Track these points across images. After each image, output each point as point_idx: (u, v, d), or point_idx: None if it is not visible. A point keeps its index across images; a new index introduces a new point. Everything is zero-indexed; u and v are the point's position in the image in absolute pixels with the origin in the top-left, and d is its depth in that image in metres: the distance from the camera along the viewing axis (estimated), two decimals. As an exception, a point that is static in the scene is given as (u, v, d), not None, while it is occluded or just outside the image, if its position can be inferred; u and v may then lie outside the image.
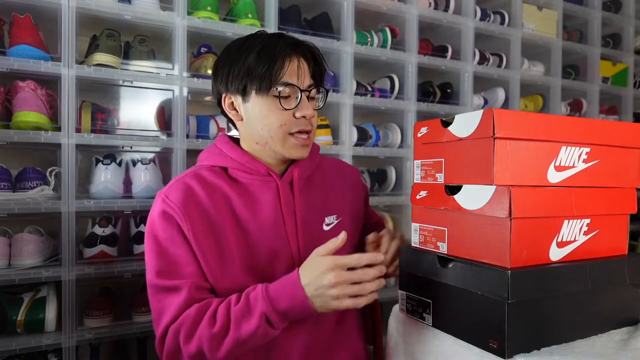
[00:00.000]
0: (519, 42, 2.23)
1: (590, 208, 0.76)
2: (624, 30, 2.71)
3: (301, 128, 0.90)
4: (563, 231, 0.73)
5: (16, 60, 1.30)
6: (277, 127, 0.89)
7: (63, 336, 1.33)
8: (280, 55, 0.87)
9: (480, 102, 2.18)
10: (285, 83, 0.87)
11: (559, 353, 0.68)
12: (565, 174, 0.73)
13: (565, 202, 0.73)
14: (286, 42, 0.89)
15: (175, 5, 1.51)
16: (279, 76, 0.87)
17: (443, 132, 0.77)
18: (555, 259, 0.73)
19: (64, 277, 1.34)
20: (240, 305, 0.79)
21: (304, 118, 0.89)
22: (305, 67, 0.91)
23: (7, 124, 1.35)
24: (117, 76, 1.44)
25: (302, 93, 0.89)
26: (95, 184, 1.44)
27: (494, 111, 0.67)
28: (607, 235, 0.79)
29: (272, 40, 0.89)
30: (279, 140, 0.90)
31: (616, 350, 0.69)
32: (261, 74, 0.86)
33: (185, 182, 0.90)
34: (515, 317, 0.66)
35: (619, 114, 2.72)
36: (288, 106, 0.88)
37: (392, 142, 1.96)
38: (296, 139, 0.90)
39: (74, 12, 1.36)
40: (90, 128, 1.44)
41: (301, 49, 0.91)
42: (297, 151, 0.91)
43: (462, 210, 0.74)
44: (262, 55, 0.87)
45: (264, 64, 0.86)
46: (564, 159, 0.73)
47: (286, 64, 0.87)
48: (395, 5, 1.92)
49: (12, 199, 1.33)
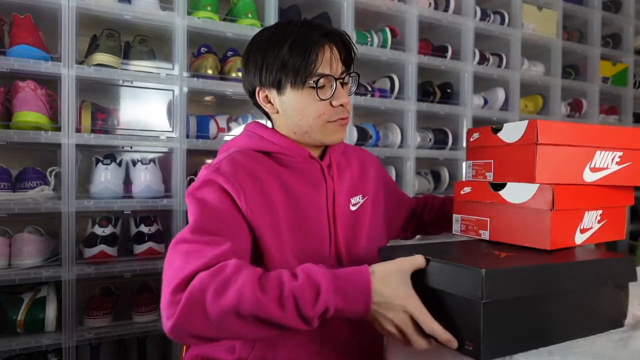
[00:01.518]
0: (519, 42, 2.23)
1: (602, 201, 0.90)
2: (623, 30, 2.71)
3: (339, 116, 0.91)
4: (584, 220, 0.88)
5: (16, 60, 1.30)
6: (316, 117, 0.90)
7: (63, 336, 1.34)
8: (313, 46, 0.86)
9: (480, 102, 2.18)
10: (321, 74, 0.87)
11: (558, 353, 0.68)
12: (600, 174, 0.88)
13: (590, 197, 0.88)
14: (318, 32, 0.88)
15: (175, 5, 1.51)
16: (314, 68, 0.86)
17: (493, 138, 0.90)
18: (579, 242, 0.87)
19: (64, 277, 1.34)
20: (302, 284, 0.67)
21: (341, 106, 0.90)
22: (337, 54, 0.90)
23: (7, 124, 1.35)
24: (117, 76, 1.44)
25: (337, 81, 0.89)
26: (95, 184, 1.44)
27: (538, 122, 0.80)
28: (612, 223, 0.93)
29: (303, 31, 0.88)
30: (319, 129, 0.91)
31: (616, 350, 0.69)
32: (296, 68, 0.86)
33: (235, 158, 0.88)
34: (491, 319, 0.64)
35: (618, 114, 2.73)
36: (324, 96, 0.89)
37: (392, 142, 1.96)
38: (335, 124, 0.92)
39: (74, 12, 1.36)
40: (90, 128, 1.44)
41: (333, 36, 0.90)
42: (336, 136, 0.93)
43: (507, 203, 0.87)
44: (295, 47, 0.86)
45: (298, 57, 0.86)
46: (598, 161, 0.87)
47: (320, 55, 0.87)
48: (395, 5, 1.92)
49: (12, 199, 1.33)
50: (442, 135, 2.09)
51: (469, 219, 0.96)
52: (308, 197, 0.92)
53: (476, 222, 0.94)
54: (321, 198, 0.93)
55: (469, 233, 0.95)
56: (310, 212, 0.91)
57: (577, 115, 2.52)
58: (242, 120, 1.70)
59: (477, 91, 2.19)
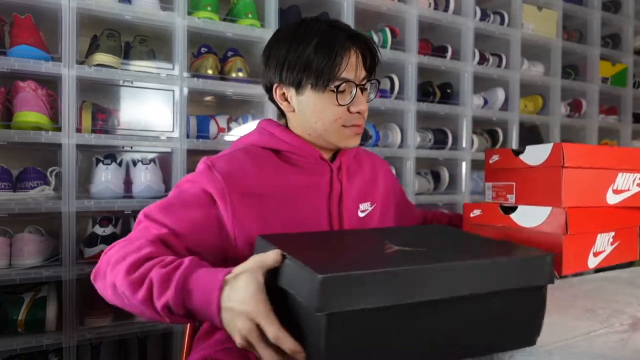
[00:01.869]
0: (518, 42, 2.24)
1: (615, 223, 0.89)
2: (623, 31, 2.72)
3: (355, 122, 0.90)
4: (597, 243, 0.86)
5: (17, 61, 1.30)
6: (332, 121, 0.89)
7: (64, 336, 1.34)
8: (340, 49, 0.85)
9: (480, 102, 2.19)
10: (343, 79, 0.86)
11: (558, 353, 0.68)
12: (622, 196, 0.88)
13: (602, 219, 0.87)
14: (345, 34, 0.87)
15: (175, 5, 1.51)
16: (337, 72, 0.85)
17: (514, 160, 0.89)
18: (592, 266, 0.85)
19: (64, 276, 1.34)
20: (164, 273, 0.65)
21: (357, 113, 0.90)
22: (361, 60, 0.89)
23: (7, 124, 1.35)
24: (118, 76, 1.44)
25: (357, 88, 0.88)
26: (96, 184, 1.44)
27: (564, 145, 0.80)
28: (625, 244, 0.91)
29: (329, 31, 0.87)
30: (334, 132, 0.91)
31: (616, 350, 0.69)
32: (320, 70, 0.85)
33: (234, 156, 0.88)
34: (339, 333, 0.52)
35: (618, 114, 2.73)
36: (343, 101, 0.88)
37: (392, 142, 1.96)
38: (350, 130, 0.91)
39: (74, 13, 1.36)
40: (90, 128, 1.44)
41: (359, 40, 0.88)
42: (350, 141, 0.93)
43: (518, 227, 0.86)
44: (320, 48, 0.85)
45: (323, 59, 0.84)
46: (620, 183, 0.88)
47: (345, 59, 0.85)
48: (395, 5, 1.92)
49: (13, 198, 1.33)
50: (442, 135, 2.10)
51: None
52: (309, 198, 0.91)
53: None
54: (323, 201, 0.92)
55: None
56: (307, 212, 0.90)
57: (577, 116, 2.53)
58: (242, 120, 1.70)
59: (477, 91, 2.20)
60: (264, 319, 0.56)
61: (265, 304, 0.57)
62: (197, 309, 0.62)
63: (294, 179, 0.91)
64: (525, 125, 2.39)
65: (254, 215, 0.85)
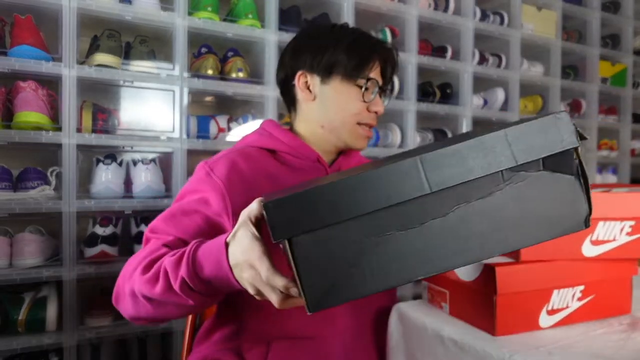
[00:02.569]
0: (518, 42, 2.24)
1: (585, 276, 0.79)
2: (622, 31, 2.72)
3: (370, 121, 0.94)
4: (553, 300, 0.77)
5: (17, 61, 1.31)
6: (352, 114, 0.92)
7: (64, 336, 1.34)
8: (374, 50, 0.92)
9: (480, 102, 2.19)
10: (371, 78, 0.91)
11: (558, 353, 0.68)
12: (603, 247, 0.77)
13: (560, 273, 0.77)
14: (377, 40, 0.95)
15: (175, 5, 1.51)
16: (367, 69, 0.91)
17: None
18: (546, 325, 0.77)
19: (64, 276, 1.34)
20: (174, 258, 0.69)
21: (375, 113, 0.94)
22: (386, 66, 0.95)
23: (8, 124, 1.35)
24: (118, 76, 1.44)
25: (379, 90, 0.94)
26: (96, 184, 1.44)
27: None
28: (605, 299, 0.81)
29: (365, 34, 0.95)
30: (349, 128, 0.93)
31: (616, 350, 0.70)
32: (354, 63, 0.90)
33: (231, 159, 0.89)
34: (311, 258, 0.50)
35: (618, 114, 2.73)
36: (367, 99, 0.92)
37: (392, 142, 1.96)
38: (363, 130, 0.94)
39: (74, 13, 1.36)
40: (91, 128, 1.44)
41: (388, 50, 0.96)
42: (360, 142, 0.95)
43: (459, 280, 0.81)
44: (357, 45, 0.91)
45: (359, 55, 0.91)
46: (602, 233, 0.77)
47: (375, 61, 0.92)
48: (395, 6, 1.93)
49: (13, 198, 1.33)
50: (442, 135, 2.10)
51: (433, 288, 0.89)
52: None
53: (438, 293, 0.88)
54: None
55: (433, 303, 0.89)
56: None
57: (576, 116, 2.53)
58: (243, 120, 1.71)
59: (477, 91, 2.20)
60: (257, 262, 0.58)
61: (259, 249, 0.58)
62: (212, 277, 0.64)
63: (287, 180, 0.90)
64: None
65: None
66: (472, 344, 0.73)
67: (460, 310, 0.82)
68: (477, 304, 0.77)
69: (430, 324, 0.82)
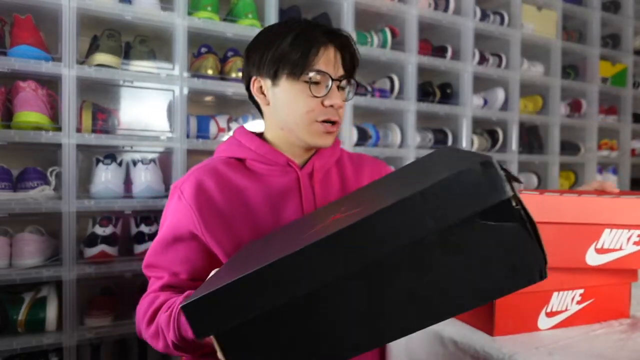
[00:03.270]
0: (518, 42, 2.24)
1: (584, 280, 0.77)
2: (623, 31, 2.72)
3: (328, 117, 0.88)
4: (553, 302, 0.76)
5: (17, 61, 1.31)
6: (304, 113, 0.88)
7: (64, 336, 1.34)
8: (316, 42, 0.86)
9: (480, 102, 2.19)
10: (318, 70, 0.86)
11: (558, 353, 0.68)
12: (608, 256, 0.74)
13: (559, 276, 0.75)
14: (321, 29, 0.89)
15: (175, 5, 1.51)
16: (312, 63, 0.86)
17: None
18: (545, 327, 0.76)
19: (64, 276, 1.34)
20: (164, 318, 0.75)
21: (331, 107, 0.88)
22: (339, 56, 0.89)
23: (8, 124, 1.35)
24: (118, 76, 1.44)
25: (333, 82, 0.87)
26: (96, 184, 1.44)
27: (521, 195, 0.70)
28: (604, 303, 0.79)
29: (308, 27, 0.89)
30: (305, 126, 0.89)
31: (616, 350, 0.70)
32: (295, 59, 0.86)
33: (198, 178, 0.89)
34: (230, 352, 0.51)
35: (618, 114, 2.73)
36: (318, 93, 0.87)
37: (392, 142, 1.96)
38: (322, 126, 0.89)
39: (74, 13, 1.36)
40: (90, 128, 1.44)
41: (338, 38, 0.90)
42: (321, 139, 0.90)
43: None
44: (297, 40, 0.86)
45: (299, 49, 0.86)
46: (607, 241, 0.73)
47: (321, 52, 0.87)
48: (395, 6, 1.93)
49: (13, 198, 1.33)
50: (442, 135, 2.10)
51: None
52: (276, 208, 0.89)
53: None
54: (294, 210, 0.89)
55: None
56: (273, 224, 0.88)
57: (577, 116, 2.53)
58: (243, 120, 1.70)
59: (477, 91, 2.20)
60: None
61: None
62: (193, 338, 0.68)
63: (254, 192, 0.89)
64: (525, 125, 2.40)
65: (226, 234, 0.86)
66: (472, 344, 0.73)
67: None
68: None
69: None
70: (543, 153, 2.42)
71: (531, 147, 2.39)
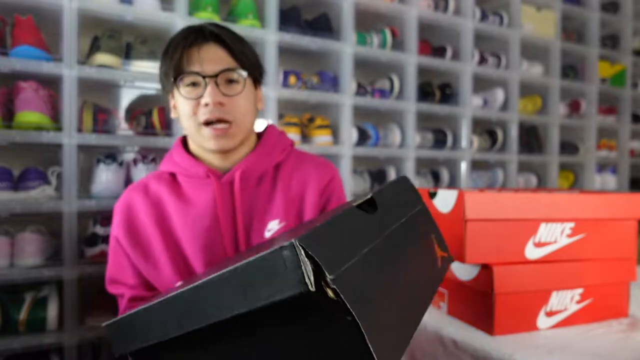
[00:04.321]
0: (517, 42, 2.24)
1: (582, 279, 0.79)
2: (622, 31, 2.73)
3: (207, 116, 0.84)
4: (552, 302, 0.77)
5: (18, 61, 1.31)
6: (189, 117, 0.86)
7: (65, 335, 1.34)
8: (177, 47, 0.85)
9: (480, 102, 2.19)
10: (186, 72, 0.84)
11: (558, 353, 0.69)
12: (546, 249, 0.77)
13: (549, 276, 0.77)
14: (185, 32, 0.87)
15: (175, 6, 1.51)
16: (179, 65, 0.84)
17: (430, 203, 0.83)
18: (544, 326, 0.77)
19: (65, 276, 1.34)
20: None
21: (209, 105, 0.84)
22: (210, 53, 0.85)
23: (9, 124, 1.35)
24: (119, 77, 1.45)
25: (206, 79, 0.84)
26: (97, 184, 1.45)
27: (465, 194, 0.72)
28: (604, 302, 0.81)
29: (178, 34, 0.89)
30: (195, 131, 0.87)
31: (615, 349, 0.70)
32: (166, 69, 0.86)
33: (128, 196, 0.93)
34: None
35: (617, 114, 2.74)
36: (194, 95, 0.85)
37: (391, 143, 1.97)
38: (209, 129, 0.85)
39: (75, 13, 1.37)
40: (91, 128, 1.44)
41: (204, 36, 0.86)
42: (211, 142, 0.86)
43: (458, 280, 0.80)
44: (167, 51, 0.88)
45: (167, 59, 0.87)
46: (544, 235, 0.76)
47: (184, 55, 0.84)
48: (395, 6, 1.93)
49: (14, 198, 1.33)
50: (442, 135, 2.10)
51: None
52: (193, 226, 0.87)
53: (437, 292, 0.85)
54: (211, 223, 0.87)
55: (432, 303, 0.87)
56: (193, 241, 0.87)
57: (576, 116, 2.53)
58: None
59: (477, 91, 2.20)
60: None
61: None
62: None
63: (179, 207, 0.89)
64: (525, 125, 2.40)
65: (143, 252, 0.89)
66: (471, 343, 0.74)
67: (459, 309, 0.83)
68: (475, 304, 0.78)
69: (430, 324, 0.83)
70: (542, 153, 2.43)
71: (530, 147, 2.39)
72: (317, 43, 1.74)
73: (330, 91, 1.79)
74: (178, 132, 1.50)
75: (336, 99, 1.79)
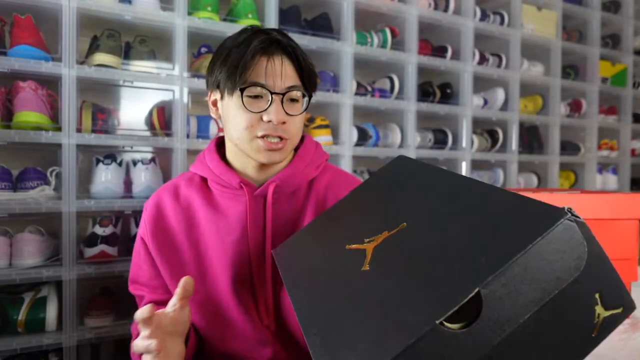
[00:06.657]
0: (518, 42, 2.24)
1: None
2: (623, 31, 2.72)
3: (267, 132, 0.81)
4: None
5: (17, 61, 1.30)
6: (243, 128, 0.82)
7: (64, 336, 1.34)
8: (250, 53, 0.80)
9: (480, 102, 2.19)
10: (253, 83, 0.80)
11: (558, 353, 0.68)
12: None
13: None
14: (260, 39, 0.82)
15: (175, 5, 1.51)
16: (244, 74, 0.80)
17: None
18: None
19: (64, 276, 1.34)
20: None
21: (271, 122, 0.81)
22: (280, 67, 0.82)
23: (8, 124, 1.35)
24: (118, 76, 1.44)
25: (274, 96, 0.81)
26: (96, 184, 1.44)
27: None
28: None
29: (250, 37, 0.83)
30: (246, 142, 0.83)
31: (616, 350, 0.70)
32: (229, 73, 0.81)
33: (159, 197, 0.92)
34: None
35: (618, 114, 2.73)
36: (255, 108, 0.81)
37: (392, 142, 1.96)
38: (263, 142, 0.82)
39: (74, 13, 1.36)
40: (90, 128, 1.44)
41: (279, 47, 0.83)
42: (263, 155, 0.83)
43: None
44: (235, 52, 0.82)
45: (234, 62, 0.81)
46: None
47: (253, 64, 0.81)
48: (395, 6, 1.93)
49: (13, 198, 1.33)
50: (442, 135, 2.10)
51: None
52: (224, 239, 0.86)
53: None
54: (242, 238, 0.85)
55: None
56: (222, 254, 0.85)
57: (577, 116, 2.53)
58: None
59: (477, 91, 2.20)
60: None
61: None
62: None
63: (209, 214, 0.87)
64: (525, 125, 2.40)
65: (171, 256, 0.88)
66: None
67: None
68: None
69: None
70: (543, 153, 2.42)
71: (531, 147, 2.39)
72: (317, 42, 1.74)
73: (330, 91, 1.79)
74: (178, 132, 1.50)
75: (336, 99, 1.79)
